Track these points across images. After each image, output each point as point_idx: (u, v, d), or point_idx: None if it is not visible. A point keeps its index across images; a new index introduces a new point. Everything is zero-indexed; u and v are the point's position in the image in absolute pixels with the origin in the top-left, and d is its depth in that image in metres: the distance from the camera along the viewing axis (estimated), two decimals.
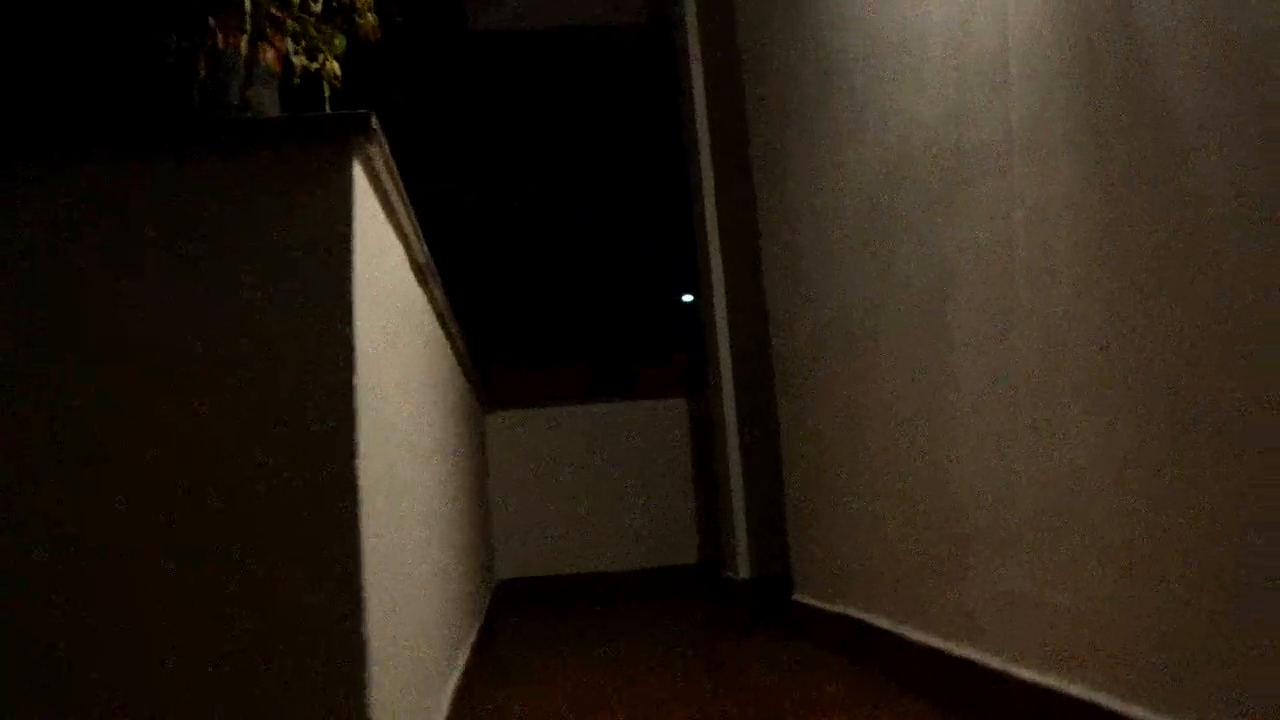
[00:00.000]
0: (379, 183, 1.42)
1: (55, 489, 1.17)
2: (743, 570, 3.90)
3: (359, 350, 1.25)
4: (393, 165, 1.42)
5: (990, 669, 1.83)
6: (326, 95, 1.42)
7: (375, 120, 1.27)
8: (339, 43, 1.33)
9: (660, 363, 5.27)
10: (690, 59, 4.22)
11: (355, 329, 1.24)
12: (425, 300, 2.12)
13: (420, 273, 1.96)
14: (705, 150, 4.16)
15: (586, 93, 5.37)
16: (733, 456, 4.00)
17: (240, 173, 1.21)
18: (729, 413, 4.03)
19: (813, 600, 3.00)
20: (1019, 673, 1.73)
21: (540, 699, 2.41)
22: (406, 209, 1.59)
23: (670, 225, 5.05)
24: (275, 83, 1.27)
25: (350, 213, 1.25)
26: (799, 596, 3.15)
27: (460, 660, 2.46)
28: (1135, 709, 1.41)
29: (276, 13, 1.23)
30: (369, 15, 1.34)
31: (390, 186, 1.46)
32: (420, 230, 1.76)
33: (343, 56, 1.39)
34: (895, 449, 2.30)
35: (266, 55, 1.24)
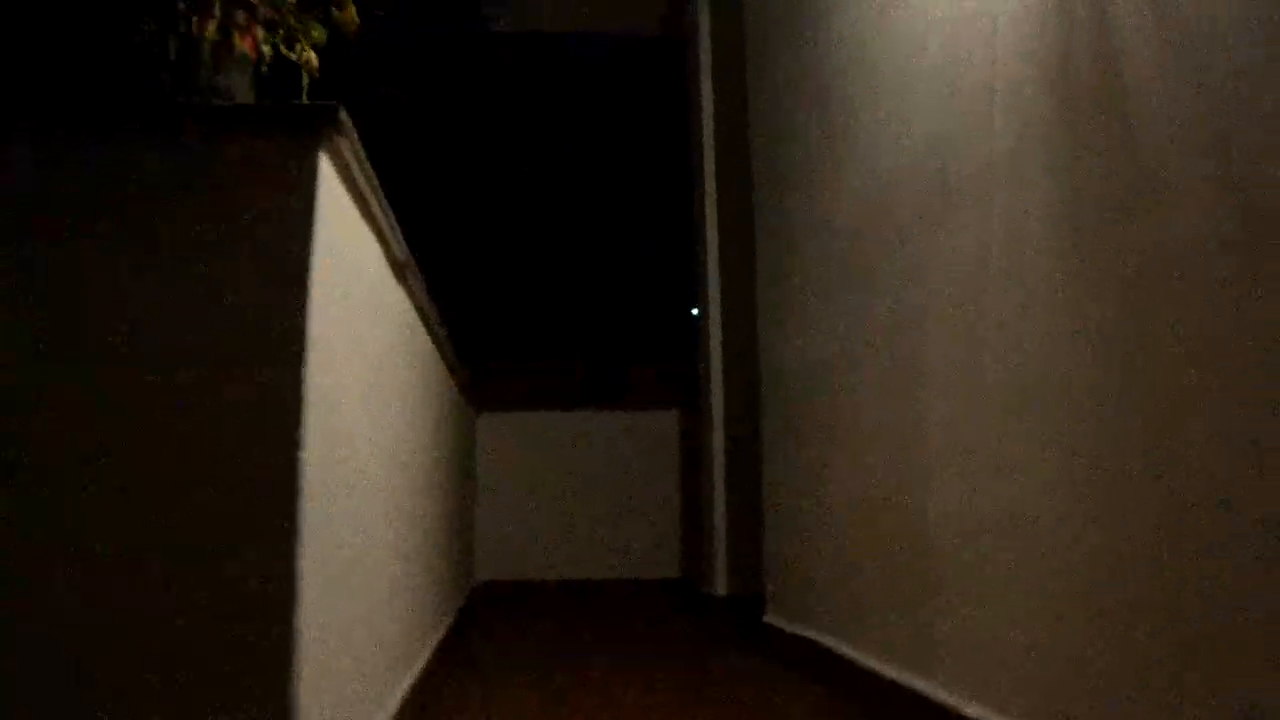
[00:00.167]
0: (350, 177, 1.42)
1: None
2: (720, 587, 3.89)
3: (312, 341, 1.24)
4: (364, 160, 1.41)
5: (944, 705, 1.81)
6: (304, 86, 1.42)
7: (344, 114, 1.27)
8: (317, 33, 1.33)
9: (654, 372, 5.25)
10: (700, 74, 4.22)
11: (309, 322, 1.24)
12: (405, 298, 2.11)
13: (399, 271, 1.95)
14: (710, 165, 4.16)
15: (598, 100, 5.37)
16: (718, 473, 3.98)
17: (202, 157, 1.21)
18: (716, 429, 4.02)
19: (783, 623, 2.98)
20: (970, 711, 1.71)
21: (503, 701, 2.39)
22: (382, 206, 1.59)
23: (674, 235, 5.04)
24: (249, 70, 1.27)
25: (313, 204, 1.25)
26: (770, 618, 3.13)
27: (422, 657, 2.44)
28: None
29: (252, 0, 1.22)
30: (350, 7, 1.34)
31: (363, 182, 1.46)
32: (398, 228, 1.75)
33: (323, 48, 1.39)
34: (869, 479, 2.28)
35: (243, 42, 1.24)
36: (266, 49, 1.25)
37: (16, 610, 1.16)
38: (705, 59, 4.20)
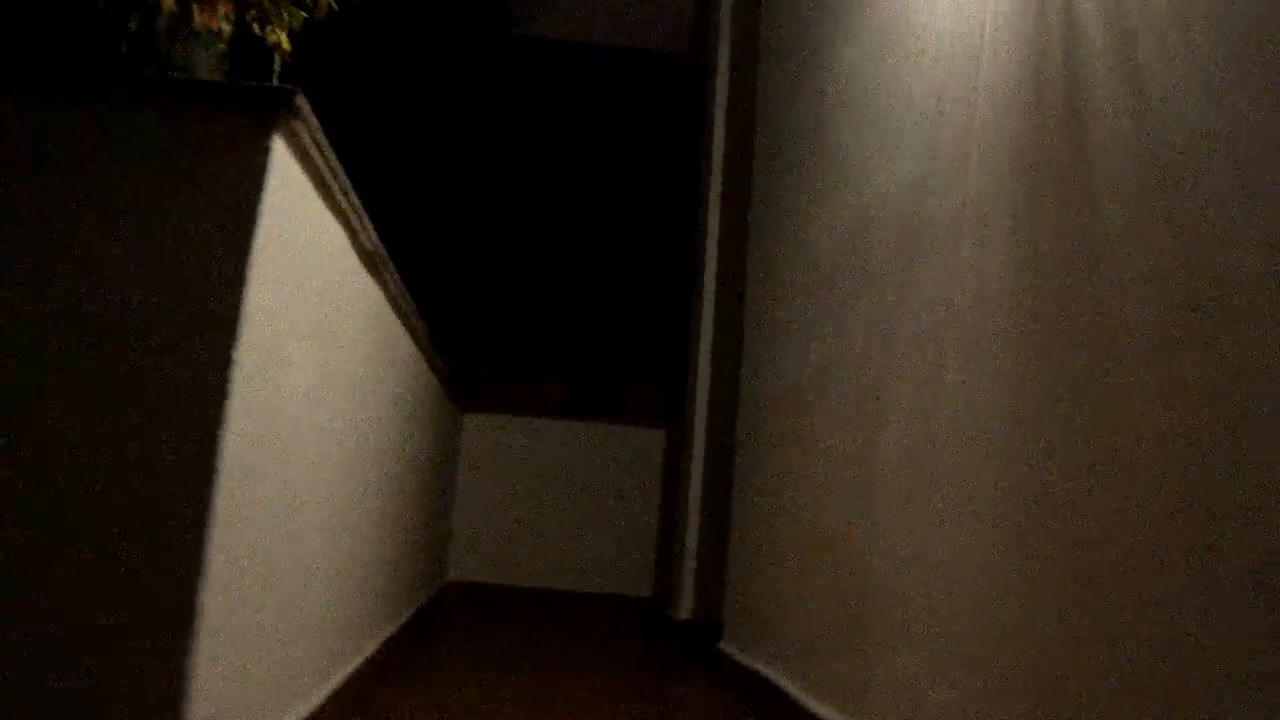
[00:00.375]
0: (311, 163, 1.42)
1: None
2: (684, 611, 3.86)
3: (248, 320, 1.24)
4: (326, 148, 1.42)
5: None
6: (275, 69, 1.42)
7: (303, 99, 1.27)
8: (289, 15, 1.33)
9: (646, 389, 5.25)
10: (715, 98, 4.23)
11: (246, 301, 1.24)
12: (377, 289, 2.11)
13: (369, 261, 1.95)
14: (716, 189, 4.16)
15: (616, 116, 5.39)
16: (694, 495, 3.96)
17: (151, 129, 1.21)
18: (697, 452, 4.00)
19: (735, 652, 2.96)
20: None
21: (437, 705, 2.38)
22: (346, 194, 1.59)
23: (678, 254, 5.04)
24: (214, 47, 1.27)
25: (261, 184, 1.25)
26: (724, 646, 3.10)
27: (364, 652, 2.43)
28: None
29: None
30: None
31: (324, 169, 1.46)
32: (367, 218, 1.75)
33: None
34: (823, 514, 2.27)
35: (203, 16, 1.24)
36: (227, 26, 1.25)
37: None
38: (721, 83, 4.20)
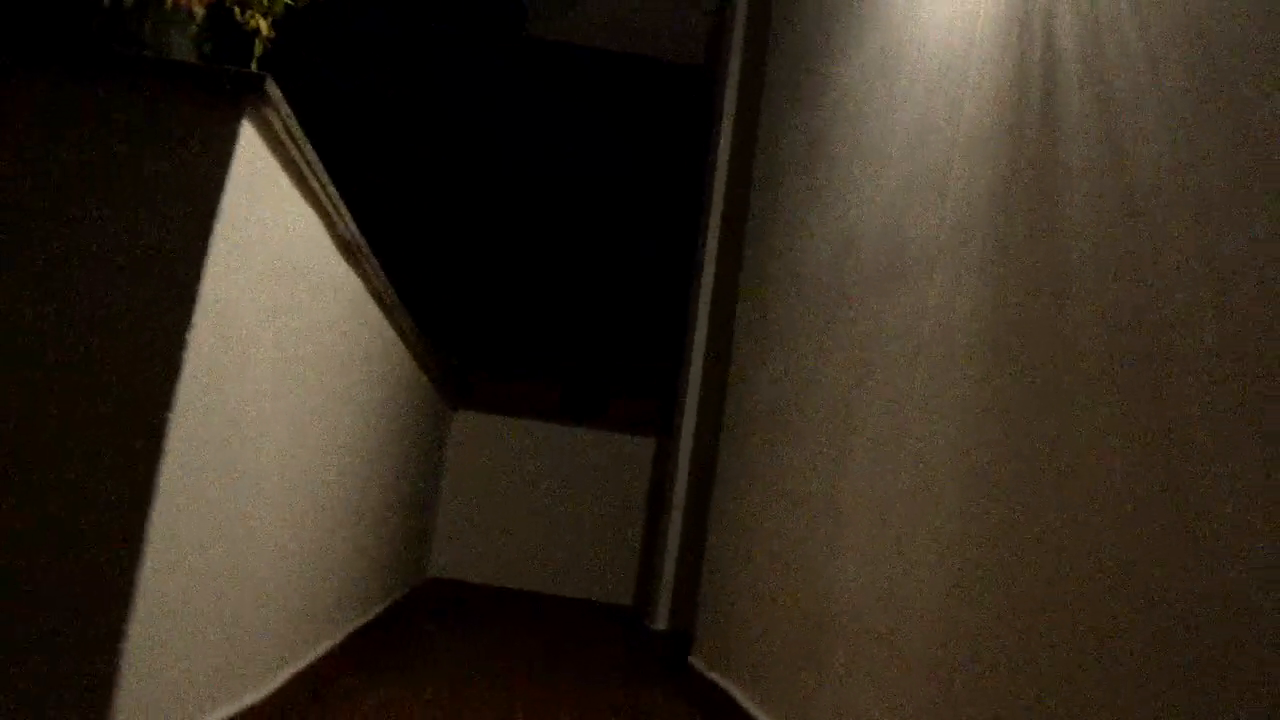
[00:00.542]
0: (283, 150, 1.42)
1: None
2: (661, 621, 3.85)
3: (206, 302, 1.24)
4: (300, 136, 1.42)
5: None
6: (256, 54, 1.43)
7: (272, 85, 1.27)
8: (269, 0, 1.34)
9: (639, 397, 5.24)
10: (724, 111, 4.23)
11: (204, 282, 1.24)
12: (356, 280, 2.11)
13: (348, 251, 1.96)
14: (718, 202, 4.16)
15: (626, 121, 5.39)
16: (677, 506, 3.96)
17: (118, 106, 1.22)
18: (682, 466, 3.99)
19: (702, 666, 2.95)
20: None
21: (394, 701, 2.37)
22: (322, 182, 1.59)
23: (681, 263, 5.04)
24: (190, 28, 1.28)
25: (227, 167, 1.26)
26: (693, 659, 3.09)
27: (328, 642, 2.43)
28: None
29: None
30: None
31: (298, 157, 1.46)
32: (344, 207, 1.76)
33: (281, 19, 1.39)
34: (788, 537, 2.26)
35: (189, 1, 1.25)
36: (199, 9, 1.26)
37: None
38: (730, 97, 4.21)
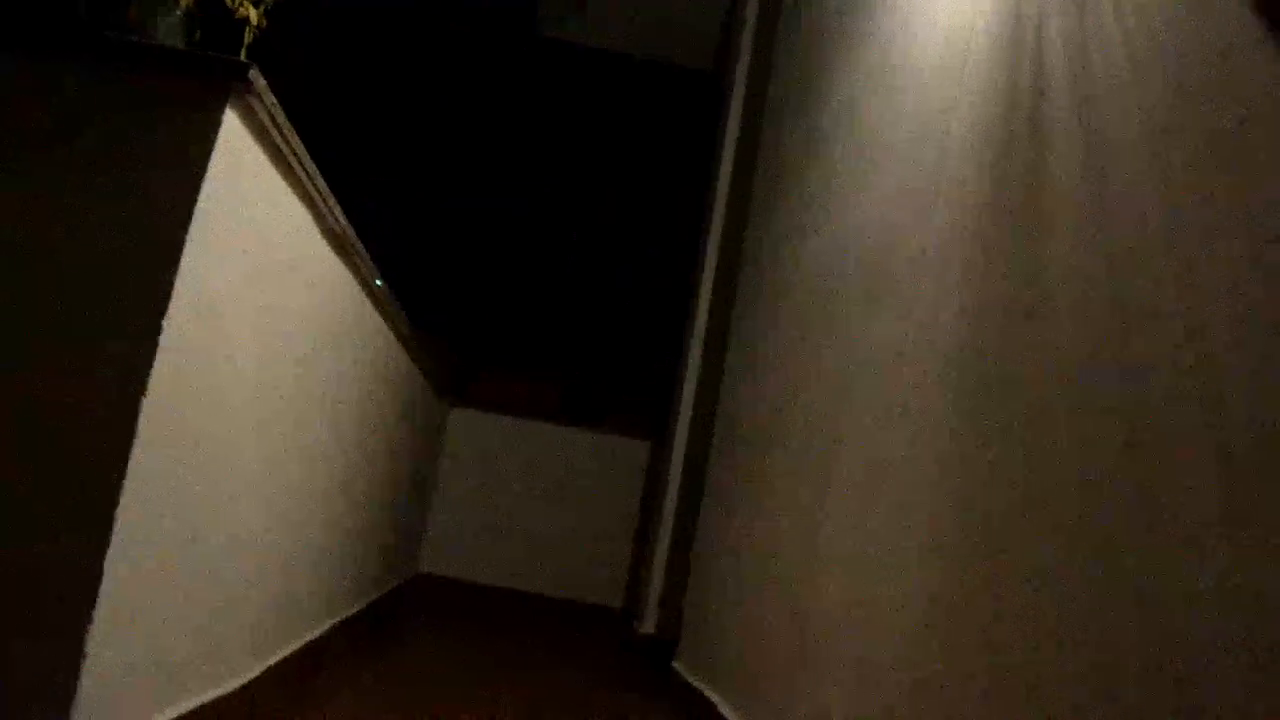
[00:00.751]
0: (269, 140, 1.42)
1: None
2: (648, 626, 3.84)
3: (183, 287, 1.24)
4: (286, 126, 1.42)
5: None
6: (245, 42, 1.42)
7: (257, 73, 1.27)
8: None
9: (637, 401, 5.23)
10: (729, 119, 4.23)
11: (181, 268, 1.24)
12: (346, 272, 2.11)
13: (337, 243, 1.95)
14: (720, 210, 4.15)
15: (635, 125, 5.38)
16: (668, 512, 3.94)
17: (98, 90, 1.22)
18: (674, 472, 3.98)
19: (685, 672, 2.94)
20: None
21: (371, 692, 2.37)
22: (309, 173, 1.59)
23: (680, 271, 5.04)
24: (173, 14, 1.28)
25: (208, 154, 1.25)
26: (677, 665, 3.08)
27: (308, 634, 2.42)
28: None
29: None
30: None
31: (285, 147, 1.46)
32: (333, 198, 1.75)
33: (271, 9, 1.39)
34: (776, 553, 2.24)
35: None
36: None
37: None
38: (736, 104, 4.20)
